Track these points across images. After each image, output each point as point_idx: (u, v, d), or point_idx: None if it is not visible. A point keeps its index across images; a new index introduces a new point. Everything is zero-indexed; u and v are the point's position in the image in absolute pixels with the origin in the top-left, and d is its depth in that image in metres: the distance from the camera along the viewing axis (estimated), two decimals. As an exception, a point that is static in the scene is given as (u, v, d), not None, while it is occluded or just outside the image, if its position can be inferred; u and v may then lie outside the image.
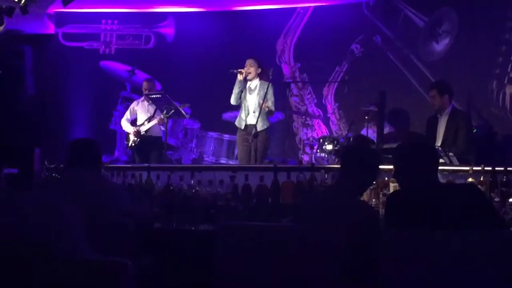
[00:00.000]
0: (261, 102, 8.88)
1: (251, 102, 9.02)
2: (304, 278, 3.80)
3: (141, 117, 10.10)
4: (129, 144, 10.02)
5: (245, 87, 9.06)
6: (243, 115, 9.09)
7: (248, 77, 9.04)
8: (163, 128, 9.80)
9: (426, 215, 3.88)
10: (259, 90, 9.00)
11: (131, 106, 10.36)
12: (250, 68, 9.02)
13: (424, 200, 4.00)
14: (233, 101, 9.15)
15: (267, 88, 8.85)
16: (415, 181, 4.17)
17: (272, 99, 8.97)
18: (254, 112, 8.96)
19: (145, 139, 9.92)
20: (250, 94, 9.04)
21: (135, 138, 9.92)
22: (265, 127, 9.01)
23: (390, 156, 6.83)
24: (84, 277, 1.81)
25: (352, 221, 4.04)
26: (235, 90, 9.07)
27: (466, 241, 3.53)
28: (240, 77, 9.00)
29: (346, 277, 3.77)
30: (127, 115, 10.28)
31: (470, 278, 3.40)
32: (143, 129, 9.96)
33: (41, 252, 1.70)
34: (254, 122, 8.88)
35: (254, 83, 9.04)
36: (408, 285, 3.52)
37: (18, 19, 9.95)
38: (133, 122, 10.17)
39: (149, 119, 9.94)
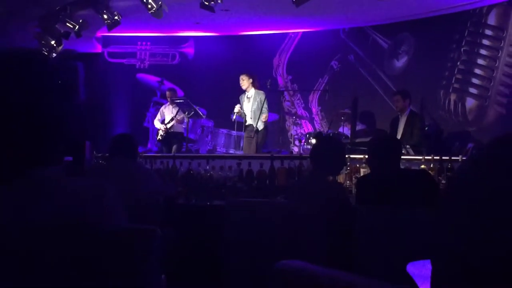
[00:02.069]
0: (255, 108, 8.88)
1: (247, 108, 9.00)
2: (293, 241, 3.81)
3: (167, 117, 10.12)
4: (158, 138, 10.07)
5: (243, 97, 9.04)
6: (244, 118, 9.08)
7: (243, 87, 9.01)
8: (184, 126, 9.83)
9: (387, 194, 3.89)
10: (254, 98, 8.96)
11: (160, 109, 10.39)
12: (242, 82, 8.99)
13: (386, 182, 4.02)
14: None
15: (262, 98, 8.88)
16: (382, 167, 4.18)
17: (266, 106, 8.94)
18: (251, 117, 8.94)
19: (169, 134, 9.95)
20: (247, 102, 9.01)
21: (163, 133, 9.94)
22: (262, 127, 8.99)
23: (361, 147, 6.85)
24: (123, 241, 1.80)
25: (326, 195, 4.06)
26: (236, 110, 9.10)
27: (418, 214, 3.53)
28: (236, 110, 9.06)
29: (325, 237, 3.77)
30: (158, 116, 10.31)
31: (419, 245, 3.39)
32: (168, 126, 9.99)
33: (90, 225, 1.69)
34: (253, 123, 8.90)
35: (250, 93, 9.00)
36: (373, 246, 3.52)
37: (73, 41, 9.96)
38: (163, 121, 10.20)
39: (171, 119, 9.96)
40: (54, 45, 9.61)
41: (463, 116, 9.52)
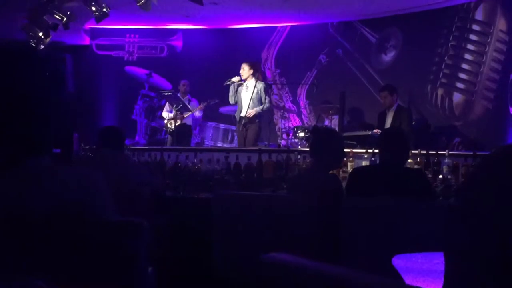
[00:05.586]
0: (254, 97, 8.68)
1: (245, 98, 8.80)
2: (281, 234, 3.81)
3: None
4: (168, 130, 9.87)
5: (240, 86, 8.92)
6: (239, 110, 8.97)
7: (243, 77, 8.86)
8: (198, 115, 10.00)
9: (378, 187, 3.89)
10: (253, 88, 8.70)
11: (169, 102, 10.19)
12: (243, 71, 8.84)
13: (378, 175, 4.02)
14: (231, 101, 8.98)
15: (262, 88, 8.75)
16: (392, 160, 4.14)
17: (266, 97, 8.78)
18: (248, 107, 8.71)
19: (180, 127, 9.80)
20: (246, 92, 8.84)
21: (175, 125, 9.73)
22: (257, 120, 8.80)
23: (348, 141, 6.88)
24: (110, 234, 1.80)
25: (326, 188, 4.03)
26: (230, 93, 8.92)
27: (408, 207, 3.55)
28: (234, 80, 8.83)
29: (315, 230, 3.77)
30: (167, 108, 10.15)
31: (411, 234, 3.40)
32: (185, 116, 9.85)
33: (77, 215, 1.69)
34: (248, 115, 8.67)
35: (251, 83, 8.81)
36: (361, 239, 3.53)
37: (61, 33, 9.90)
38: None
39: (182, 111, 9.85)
40: (42, 37, 9.54)
41: (450, 111, 9.56)
